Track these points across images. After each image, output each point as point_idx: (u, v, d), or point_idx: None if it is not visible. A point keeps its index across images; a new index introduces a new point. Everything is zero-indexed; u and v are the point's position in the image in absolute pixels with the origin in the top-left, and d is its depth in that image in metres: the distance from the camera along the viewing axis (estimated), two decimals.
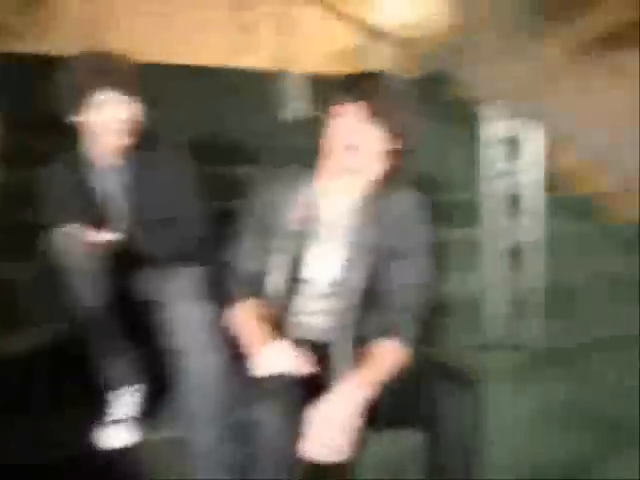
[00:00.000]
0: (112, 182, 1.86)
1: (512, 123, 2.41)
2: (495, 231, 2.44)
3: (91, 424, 1.68)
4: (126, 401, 1.69)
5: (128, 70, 1.80)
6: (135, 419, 1.69)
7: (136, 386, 1.72)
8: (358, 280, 1.54)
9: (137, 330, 1.75)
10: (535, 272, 2.43)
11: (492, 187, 2.43)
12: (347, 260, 1.55)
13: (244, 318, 1.56)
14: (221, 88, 3.84)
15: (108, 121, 1.77)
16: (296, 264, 1.56)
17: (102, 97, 1.75)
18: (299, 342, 1.48)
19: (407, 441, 1.51)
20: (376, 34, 3.25)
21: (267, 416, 1.25)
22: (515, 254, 2.46)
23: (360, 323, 1.55)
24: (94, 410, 1.68)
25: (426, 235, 1.60)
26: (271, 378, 1.35)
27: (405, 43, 3.27)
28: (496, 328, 2.53)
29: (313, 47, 4.04)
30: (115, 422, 1.67)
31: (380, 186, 1.59)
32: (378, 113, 1.49)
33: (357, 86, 1.51)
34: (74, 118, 1.79)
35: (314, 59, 4.30)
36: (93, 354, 1.65)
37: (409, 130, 1.56)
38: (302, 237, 1.56)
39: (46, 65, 1.89)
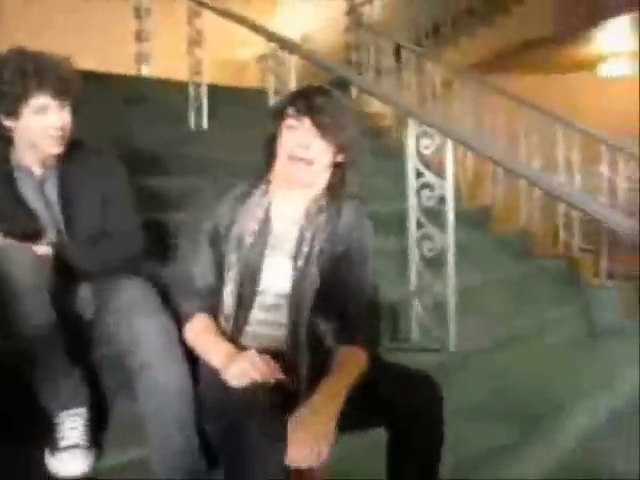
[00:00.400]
0: (44, 191, 1.78)
1: (425, 138, 2.54)
2: (418, 239, 2.58)
3: (38, 452, 1.57)
4: (75, 424, 1.58)
5: (69, 74, 1.73)
6: (86, 444, 1.58)
7: (84, 407, 1.61)
8: (309, 288, 1.57)
9: (81, 348, 1.68)
10: (450, 278, 2.57)
11: (415, 199, 2.59)
12: (298, 270, 1.58)
13: (202, 331, 1.57)
14: (126, 96, 3.76)
15: (45, 127, 1.69)
16: (250, 276, 1.58)
17: (41, 102, 1.68)
18: (258, 352, 1.50)
19: (369, 441, 1.56)
20: (284, 44, 3.27)
21: (251, 426, 1.27)
22: (433, 262, 2.60)
23: (315, 330, 1.58)
24: (40, 436, 1.58)
25: (371, 243, 1.67)
26: (247, 388, 1.37)
27: (308, 54, 3.32)
28: (419, 331, 2.67)
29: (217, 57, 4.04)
30: (65, 449, 1.55)
31: (327, 197, 1.65)
32: (325, 127, 1.55)
33: (305, 101, 1.56)
34: (5, 123, 1.71)
35: (217, 69, 4.34)
36: (36, 375, 1.55)
37: (353, 144, 1.63)
38: (255, 249, 1.59)
39: None
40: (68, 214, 1.78)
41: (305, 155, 1.55)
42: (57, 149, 1.74)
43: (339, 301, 1.59)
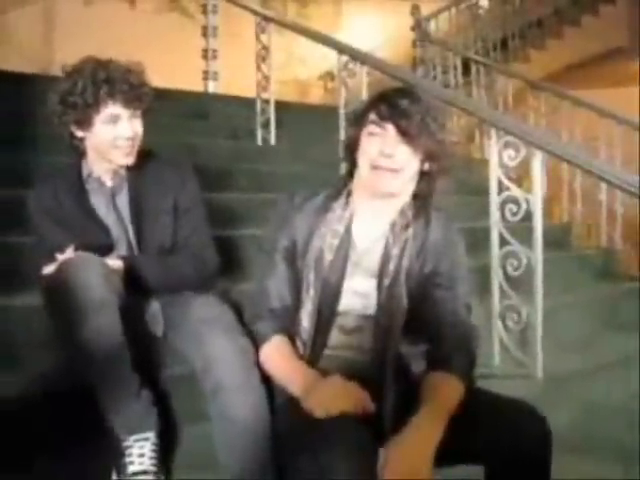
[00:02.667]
0: (115, 203, 1.73)
1: (509, 149, 2.39)
2: (502, 257, 2.43)
3: (106, 475, 1.48)
4: (143, 450, 1.46)
5: (140, 83, 1.66)
6: (155, 469, 1.46)
7: (153, 432, 1.49)
8: (397, 310, 1.44)
9: (151, 368, 1.58)
10: (537, 299, 2.40)
11: (498, 214, 2.42)
12: (384, 290, 1.46)
13: (279, 355, 1.46)
14: (193, 112, 3.77)
15: (116, 137, 1.64)
16: (330, 295, 1.47)
17: (111, 111, 1.63)
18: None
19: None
20: (356, 55, 3.19)
21: (338, 462, 1.13)
22: (516, 281, 2.43)
23: (400, 355, 1.45)
24: (108, 461, 1.48)
25: (463, 259, 1.54)
26: (332, 419, 1.23)
27: (381, 64, 3.22)
28: (502, 356, 2.50)
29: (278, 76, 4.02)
30: (133, 474, 1.44)
31: (413, 210, 1.52)
32: (411, 133, 1.42)
33: (388, 105, 1.44)
34: (77, 134, 1.66)
35: (280, 87, 4.32)
36: (104, 395, 1.45)
37: (442, 151, 1.50)
38: (335, 266, 1.47)
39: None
40: (139, 226, 1.72)
41: (390, 164, 1.43)
42: (128, 160, 1.69)
43: (430, 324, 1.46)
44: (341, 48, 3.34)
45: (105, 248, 1.65)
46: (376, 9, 7.50)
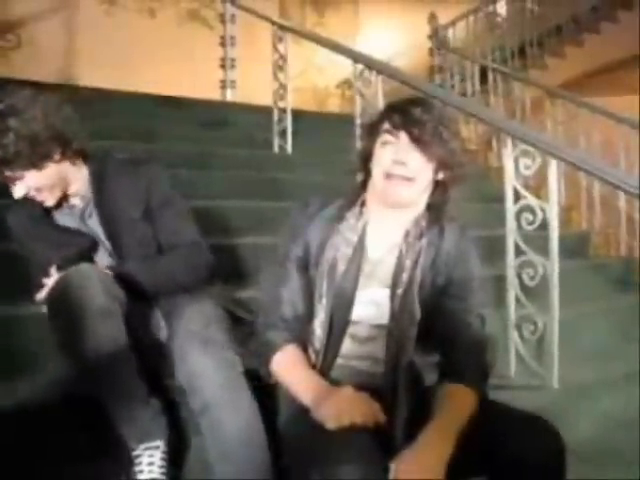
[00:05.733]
0: (85, 221, 1.72)
1: (525, 158, 2.36)
2: (518, 267, 2.39)
3: None
4: (153, 459, 1.45)
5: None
6: (165, 479, 1.45)
7: (163, 440, 1.49)
8: (410, 321, 1.43)
9: (159, 376, 1.57)
10: (554, 309, 2.37)
11: (514, 224, 2.40)
12: (397, 300, 1.44)
13: (291, 364, 1.44)
14: (211, 121, 3.80)
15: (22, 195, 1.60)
16: (343, 305, 1.45)
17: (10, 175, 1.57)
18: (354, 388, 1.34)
19: None
20: (372, 64, 3.20)
21: (348, 476, 1.12)
22: (533, 291, 2.39)
23: (413, 366, 1.44)
24: (115, 471, 1.47)
25: (477, 270, 1.52)
26: (343, 431, 1.22)
27: (397, 73, 3.22)
28: (517, 366, 2.46)
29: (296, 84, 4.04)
30: None
31: (427, 219, 1.51)
32: (424, 141, 1.41)
33: (401, 114, 1.44)
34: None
35: (298, 96, 4.34)
36: (112, 404, 1.45)
37: (456, 160, 1.48)
38: (348, 276, 1.46)
39: None
40: (112, 237, 1.69)
41: (403, 172, 1.42)
42: (48, 203, 1.65)
43: (443, 335, 1.44)
44: (356, 57, 3.33)
45: (90, 261, 1.64)
46: (394, 18, 7.50)
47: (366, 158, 1.48)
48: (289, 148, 3.76)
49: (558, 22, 5.92)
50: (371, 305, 1.46)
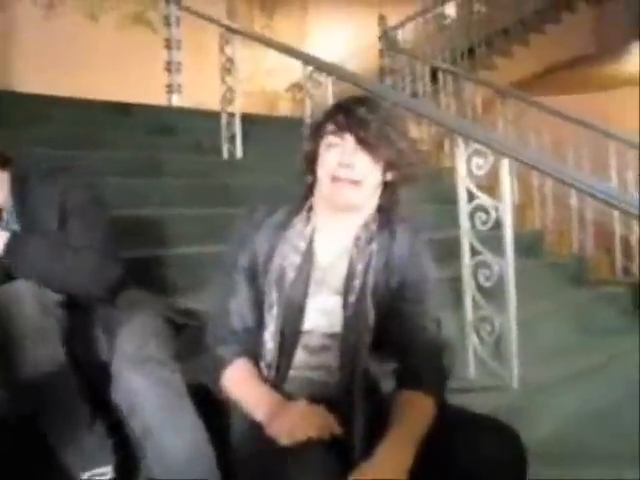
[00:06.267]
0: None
1: (477, 157, 2.37)
2: (474, 267, 2.41)
3: None
4: None
5: None
6: None
7: (110, 466, 1.42)
8: (364, 328, 1.39)
9: (104, 397, 1.47)
10: (510, 308, 2.38)
11: (468, 224, 2.41)
12: (349, 307, 1.40)
13: (242, 379, 1.39)
14: (156, 127, 3.77)
15: None
16: (293, 315, 1.41)
17: None
18: (308, 401, 1.30)
19: None
20: (321, 66, 3.21)
21: None
22: (489, 291, 2.40)
23: (368, 374, 1.39)
24: None
25: (431, 272, 1.49)
26: (298, 446, 1.17)
27: (347, 75, 3.24)
28: (476, 368, 2.47)
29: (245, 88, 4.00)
30: None
31: (377, 222, 1.48)
32: (370, 142, 1.38)
33: (345, 114, 1.40)
34: None
35: (247, 100, 4.29)
36: (53, 429, 1.37)
37: (405, 159, 1.45)
38: (298, 284, 1.42)
39: None
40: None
41: (350, 175, 1.38)
42: None
43: (399, 340, 1.40)
44: (306, 59, 3.33)
45: None
46: (343, 20, 7.54)
47: (312, 161, 1.45)
48: (239, 153, 3.72)
49: (505, 24, 6.03)
50: (323, 313, 1.42)
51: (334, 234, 1.46)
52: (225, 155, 3.75)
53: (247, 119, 3.84)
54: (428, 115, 3.04)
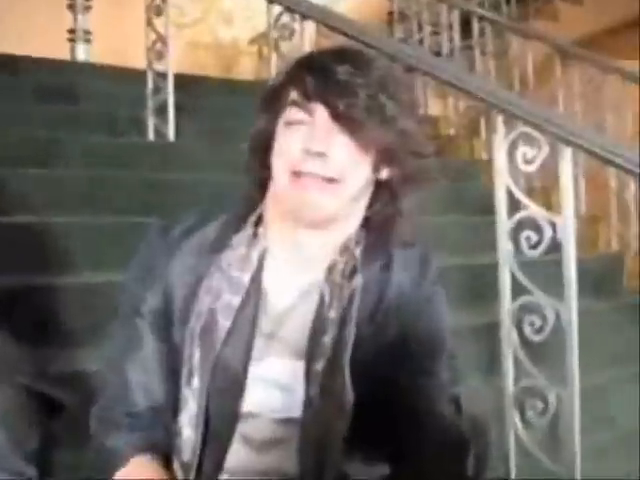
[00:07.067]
0: None
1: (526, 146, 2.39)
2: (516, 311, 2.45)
3: None
4: None
5: None
6: None
7: None
8: (337, 411, 1.36)
9: None
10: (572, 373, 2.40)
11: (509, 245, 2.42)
12: (315, 377, 1.37)
13: None
14: (53, 90, 3.81)
15: None
16: (227, 388, 1.39)
17: None
18: None
19: None
20: (295, 5, 3.23)
21: None
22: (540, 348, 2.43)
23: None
24: None
25: (444, 323, 1.48)
26: None
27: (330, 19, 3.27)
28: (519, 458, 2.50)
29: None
30: None
31: (365, 245, 1.44)
32: (355, 120, 1.33)
33: (319, 75, 1.35)
34: None
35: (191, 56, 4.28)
36: None
37: (411, 148, 1.40)
38: (236, 340, 1.39)
39: None
40: None
41: (321, 169, 1.33)
42: None
43: (395, 433, 1.39)
44: None
45: None
46: None
47: (263, 147, 1.41)
48: (171, 133, 3.70)
49: None
50: (274, 388, 1.39)
51: (295, 263, 1.43)
52: (151, 135, 3.73)
53: (187, 83, 3.85)
54: (455, 82, 3.00)
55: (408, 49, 3.74)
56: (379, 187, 1.42)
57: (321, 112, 1.33)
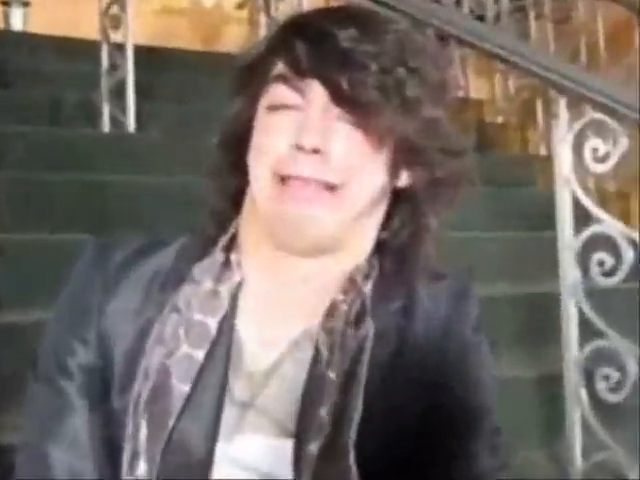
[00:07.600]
0: None
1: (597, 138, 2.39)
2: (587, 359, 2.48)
3: None
4: None
5: None
6: None
7: None
8: None
9: None
10: None
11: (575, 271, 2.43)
12: (308, 462, 1.30)
13: None
14: None
15: None
16: (186, 473, 1.33)
17: None
18: None
19: None
20: None
21: None
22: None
23: None
24: None
25: (489, 389, 1.45)
26: None
27: None
28: None
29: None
30: None
31: (378, 275, 1.40)
32: (364, 103, 1.28)
33: (314, 42, 1.30)
34: None
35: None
36: None
37: (440, 143, 1.36)
38: (197, 411, 1.34)
39: None
40: None
41: (317, 172, 1.29)
42: None
43: None
44: None
45: None
46: None
47: (237, 141, 1.38)
48: (131, 122, 3.75)
49: None
50: (250, 475, 1.35)
51: (281, 302, 1.39)
52: (105, 125, 3.79)
53: (153, 58, 3.92)
54: (503, 54, 3.05)
55: (442, 11, 3.75)
56: (398, 198, 1.40)
57: (317, 92, 1.29)
